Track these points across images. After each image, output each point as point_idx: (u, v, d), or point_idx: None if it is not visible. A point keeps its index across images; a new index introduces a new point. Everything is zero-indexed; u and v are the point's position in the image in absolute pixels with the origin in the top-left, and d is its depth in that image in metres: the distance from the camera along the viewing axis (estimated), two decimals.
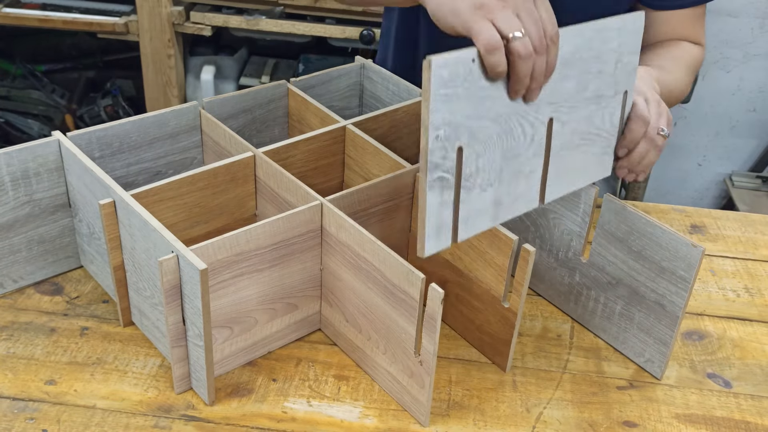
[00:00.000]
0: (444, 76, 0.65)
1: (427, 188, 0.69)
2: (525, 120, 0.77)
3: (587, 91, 0.84)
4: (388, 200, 0.94)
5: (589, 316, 0.99)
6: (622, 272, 0.92)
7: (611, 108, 0.88)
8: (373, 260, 0.82)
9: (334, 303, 0.91)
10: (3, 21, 2.34)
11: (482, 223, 0.77)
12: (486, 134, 0.73)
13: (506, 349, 0.90)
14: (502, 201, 0.79)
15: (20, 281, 0.99)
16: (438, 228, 0.72)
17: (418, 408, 0.83)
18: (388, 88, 1.19)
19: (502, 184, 0.78)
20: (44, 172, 0.94)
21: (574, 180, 0.88)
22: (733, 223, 1.22)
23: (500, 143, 0.75)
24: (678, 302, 0.88)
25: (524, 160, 0.80)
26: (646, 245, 0.89)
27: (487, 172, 0.75)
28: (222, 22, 2.28)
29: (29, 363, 0.89)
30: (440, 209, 0.71)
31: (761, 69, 2.68)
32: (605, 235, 0.93)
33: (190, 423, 0.82)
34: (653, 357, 0.92)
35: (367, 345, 0.88)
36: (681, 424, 0.86)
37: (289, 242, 0.86)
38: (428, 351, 0.78)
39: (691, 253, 0.85)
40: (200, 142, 1.07)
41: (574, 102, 0.82)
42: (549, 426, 0.84)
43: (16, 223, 0.95)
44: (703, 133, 2.81)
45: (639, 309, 0.92)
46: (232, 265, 0.82)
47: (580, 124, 0.85)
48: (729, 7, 2.60)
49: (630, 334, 0.94)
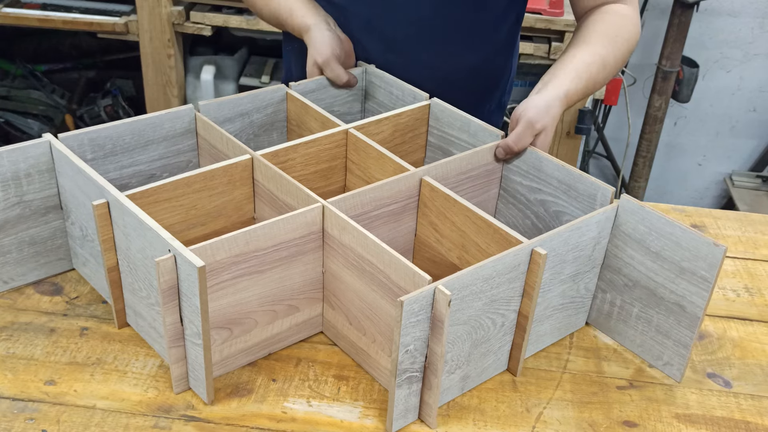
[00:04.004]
0: (414, 309, 0.75)
1: (396, 387, 0.79)
2: (496, 313, 0.84)
3: (563, 275, 0.89)
4: (392, 203, 0.94)
5: (604, 319, 0.97)
6: (640, 273, 0.91)
7: (586, 280, 0.93)
8: (377, 262, 0.81)
9: (337, 306, 0.91)
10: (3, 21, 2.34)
11: (449, 396, 0.86)
12: (456, 335, 0.81)
13: (518, 353, 0.89)
14: (470, 375, 0.87)
15: (11, 282, 0.98)
16: (405, 411, 0.82)
17: (425, 410, 0.83)
18: (392, 93, 1.18)
19: (470, 364, 0.86)
20: (35, 173, 0.93)
21: (544, 341, 0.95)
22: (733, 223, 1.22)
23: (470, 338, 0.83)
24: (698, 303, 0.86)
25: (494, 341, 0.87)
26: (665, 245, 0.87)
27: (455, 360, 0.83)
28: (222, 22, 2.28)
29: (29, 363, 0.89)
30: (407, 398, 0.82)
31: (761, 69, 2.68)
32: (621, 236, 0.91)
33: (190, 423, 0.82)
34: (672, 360, 0.91)
35: (371, 347, 0.87)
36: (681, 424, 0.86)
37: (290, 244, 0.85)
38: (435, 353, 0.78)
39: (712, 253, 0.83)
40: (196, 146, 1.06)
41: (549, 286, 0.88)
42: (549, 426, 0.84)
43: (7, 224, 0.94)
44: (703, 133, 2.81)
45: (657, 311, 0.91)
46: (231, 267, 0.81)
47: (553, 300, 0.91)
48: (729, 7, 2.60)
49: (648, 336, 0.93)
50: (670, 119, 2.76)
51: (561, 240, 0.85)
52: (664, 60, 2.51)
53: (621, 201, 0.90)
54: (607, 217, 0.90)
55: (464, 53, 1.21)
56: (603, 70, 1.09)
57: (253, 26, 2.28)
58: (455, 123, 1.08)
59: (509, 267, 0.81)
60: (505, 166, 1.04)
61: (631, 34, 1.14)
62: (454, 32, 1.19)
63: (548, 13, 2.14)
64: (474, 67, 1.23)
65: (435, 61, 1.21)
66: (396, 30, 1.19)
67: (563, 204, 0.98)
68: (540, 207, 1.02)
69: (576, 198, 0.97)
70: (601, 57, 1.08)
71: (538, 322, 0.90)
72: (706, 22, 2.62)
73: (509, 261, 0.81)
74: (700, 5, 2.49)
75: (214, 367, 0.86)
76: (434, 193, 0.93)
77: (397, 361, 0.76)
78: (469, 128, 1.07)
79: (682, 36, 2.46)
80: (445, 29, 1.19)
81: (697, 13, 2.52)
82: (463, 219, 0.91)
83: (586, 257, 0.90)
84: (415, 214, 0.97)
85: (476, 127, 1.06)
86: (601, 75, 1.09)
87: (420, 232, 0.98)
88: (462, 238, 0.92)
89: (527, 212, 1.04)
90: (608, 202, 0.93)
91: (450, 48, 1.20)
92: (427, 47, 1.20)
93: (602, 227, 0.90)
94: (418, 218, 0.98)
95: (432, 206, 0.95)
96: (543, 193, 1.01)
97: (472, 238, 0.91)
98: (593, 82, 1.08)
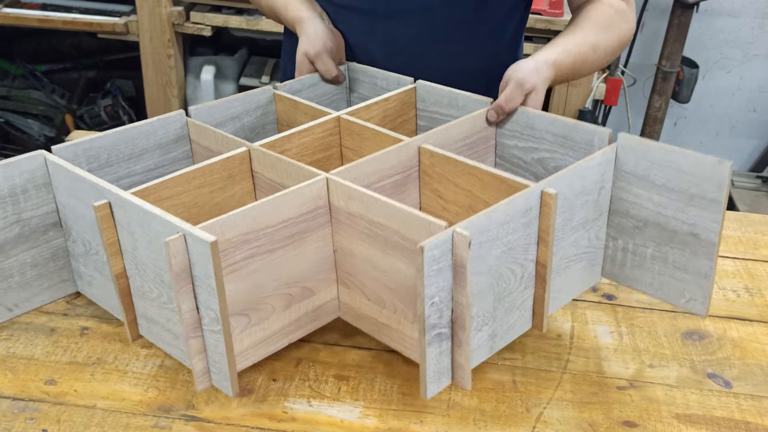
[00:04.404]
0: (435, 256, 0.72)
1: (426, 345, 0.75)
2: (515, 263, 0.82)
3: (573, 221, 0.88)
4: (393, 174, 0.92)
5: (618, 268, 0.94)
6: (649, 211, 0.88)
7: (596, 228, 0.92)
8: (388, 223, 0.79)
9: (352, 284, 0.89)
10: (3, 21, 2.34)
11: (480, 356, 0.83)
12: (478, 288, 0.78)
13: (541, 308, 0.86)
14: (497, 333, 0.84)
15: (15, 309, 0.95)
16: (438, 374, 0.78)
17: (458, 371, 0.79)
18: (376, 85, 1.18)
19: (496, 321, 0.83)
20: (32, 188, 0.91)
21: (565, 296, 0.93)
22: (733, 223, 1.23)
23: (492, 290, 0.81)
24: (712, 228, 0.83)
25: (516, 294, 0.85)
26: (669, 176, 0.85)
27: (481, 316, 0.81)
28: (222, 22, 2.28)
29: (29, 363, 0.89)
30: (439, 359, 0.77)
31: (761, 69, 2.68)
32: (624, 176, 0.89)
33: (190, 423, 0.82)
34: (695, 294, 0.88)
35: (393, 318, 0.85)
36: (681, 424, 0.86)
37: (298, 220, 0.83)
38: (461, 304, 0.75)
39: (718, 171, 0.81)
40: (190, 152, 1.06)
41: (562, 234, 0.87)
42: (549, 426, 0.84)
43: (6, 245, 0.91)
44: (703, 133, 2.81)
45: (672, 246, 0.87)
46: (242, 246, 0.80)
47: (567, 250, 0.89)
48: (729, 7, 2.60)
49: (666, 276, 0.89)
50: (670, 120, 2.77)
51: (566, 183, 0.83)
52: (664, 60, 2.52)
53: (619, 139, 0.88)
54: (608, 159, 0.88)
55: (468, 54, 1.22)
56: (593, 54, 1.10)
57: (253, 26, 2.28)
58: (443, 100, 1.08)
59: (522, 211, 0.80)
60: (499, 131, 1.03)
61: (624, 29, 1.15)
62: (457, 33, 1.19)
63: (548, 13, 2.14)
64: (478, 68, 1.23)
65: (438, 62, 1.21)
66: (399, 31, 1.19)
67: (561, 157, 0.97)
68: (539, 166, 1.01)
69: (573, 148, 0.95)
70: (591, 41, 1.10)
71: (555, 274, 0.87)
72: (706, 23, 2.63)
73: (521, 203, 0.79)
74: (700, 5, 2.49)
75: (236, 360, 0.83)
76: (434, 158, 0.93)
77: (423, 315, 0.73)
78: (458, 102, 1.06)
79: (682, 36, 2.46)
80: (450, 30, 1.19)
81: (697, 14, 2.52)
82: (467, 178, 0.90)
83: (593, 203, 0.88)
84: (417, 185, 0.96)
85: (464, 100, 1.06)
86: (591, 58, 1.10)
87: (424, 203, 0.97)
88: (469, 198, 0.91)
89: (526, 174, 1.03)
90: (605, 144, 0.91)
91: (454, 49, 1.21)
92: (431, 48, 1.20)
93: (604, 169, 0.88)
94: (420, 189, 0.96)
95: (433, 173, 0.94)
96: (539, 151, 0.99)
97: (478, 195, 0.89)
98: (582, 61, 1.08)
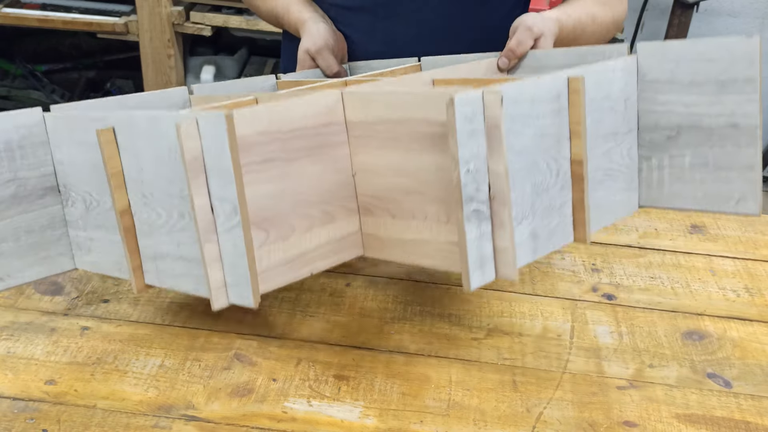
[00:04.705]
0: (467, 114, 0.68)
1: (464, 221, 0.70)
2: (548, 155, 0.79)
3: (603, 128, 0.85)
4: None
5: (656, 191, 0.89)
6: (680, 116, 0.84)
7: (627, 144, 0.88)
8: (410, 113, 0.75)
9: (375, 207, 0.84)
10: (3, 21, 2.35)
11: (523, 258, 0.77)
12: (513, 168, 0.74)
13: (581, 215, 0.81)
14: (538, 234, 0.79)
15: (7, 279, 0.91)
16: (481, 261, 0.72)
17: (501, 258, 0.73)
18: None
19: (536, 217, 0.78)
20: (29, 145, 0.88)
21: (603, 216, 0.88)
22: (733, 223, 1.23)
23: (528, 176, 0.76)
24: (751, 111, 0.79)
25: (554, 194, 0.80)
26: (696, 69, 0.80)
27: (519, 204, 0.75)
28: (222, 22, 2.29)
29: (29, 363, 0.89)
30: (480, 243, 0.72)
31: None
32: (649, 86, 0.85)
33: (190, 423, 0.82)
34: (744, 193, 0.83)
35: (425, 227, 0.79)
36: (681, 424, 0.86)
37: (312, 132, 0.80)
38: (499, 174, 0.69)
39: (747, 48, 0.77)
40: None
41: (593, 138, 0.83)
42: (549, 426, 0.84)
43: (1, 204, 0.88)
44: None
45: (711, 146, 0.82)
46: (256, 147, 0.76)
47: (600, 160, 0.86)
48: (729, 7, 2.60)
49: (708, 183, 0.84)
50: None
51: (592, 80, 0.80)
52: None
53: (638, 48, 0.85)
54: (630, 68, 0.84)
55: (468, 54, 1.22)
56: (592, 23, 1.11)
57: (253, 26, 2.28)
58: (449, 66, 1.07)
59: (550, 96, 0.77)
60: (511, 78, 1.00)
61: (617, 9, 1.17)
62: (458, 33, 1.20)
63: None
64: None
65: None
66: (399, 31, 1.19)
67: None
68: None
69: None
70: (591, 11, 1.11)
71: (592, 185, 0.83)
72: (706, 23, 2.63)
73: (548, 86, 0.76)
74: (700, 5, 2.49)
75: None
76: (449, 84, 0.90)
77: (459, 183, 0.68)
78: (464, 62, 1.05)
79: (682, 36, 2.46)
80: (450, 30, 1.19)
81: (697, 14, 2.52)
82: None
83: (621, 114, 0.85)
84: None
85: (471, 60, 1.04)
86: (590, 28, 1.11)
87: None
88: None
89: None
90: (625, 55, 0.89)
91: (454, 49, 1.21)
92: (431, 48, 1.20)
93: (627, 80, 0.84)
94: None
95: None
96: None
97: None
98: (582, 29, 1.09)
